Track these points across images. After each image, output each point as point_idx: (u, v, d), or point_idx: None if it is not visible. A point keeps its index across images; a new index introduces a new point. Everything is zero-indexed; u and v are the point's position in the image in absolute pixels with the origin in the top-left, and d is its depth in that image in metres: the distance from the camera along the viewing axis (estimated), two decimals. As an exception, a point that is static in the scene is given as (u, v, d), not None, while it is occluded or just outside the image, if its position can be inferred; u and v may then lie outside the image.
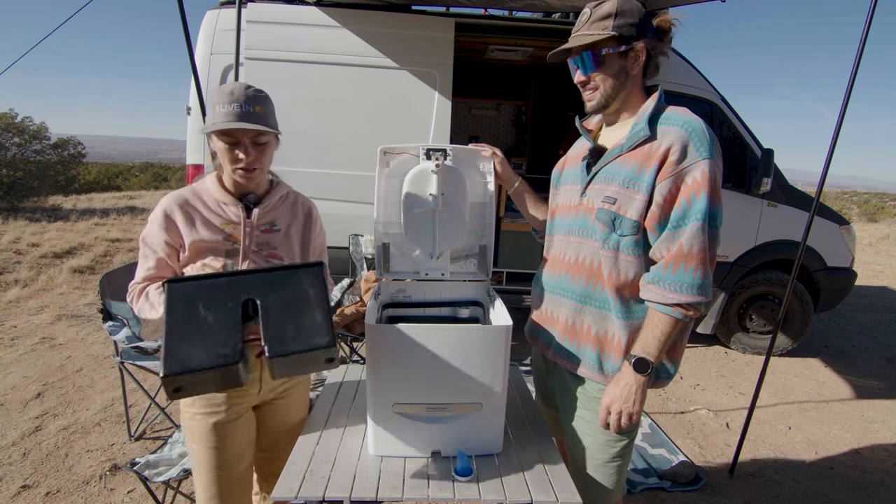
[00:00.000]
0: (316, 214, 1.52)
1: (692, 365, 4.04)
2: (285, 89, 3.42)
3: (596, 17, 1.21)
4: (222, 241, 1.31)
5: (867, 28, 2.00)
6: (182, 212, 1.30)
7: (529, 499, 1.10)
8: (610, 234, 1.22)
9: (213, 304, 1.03)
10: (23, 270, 5.86)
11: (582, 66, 1.25)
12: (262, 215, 1.37)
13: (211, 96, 1.30)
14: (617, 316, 1.24)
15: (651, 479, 2.43)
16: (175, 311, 1.01)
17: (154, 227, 1.30)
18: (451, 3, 3.47)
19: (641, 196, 1.16)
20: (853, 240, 4.27)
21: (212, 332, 1.00)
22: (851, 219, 16.58)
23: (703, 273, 1.14)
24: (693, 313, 1.16)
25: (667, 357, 1.26)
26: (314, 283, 1.09)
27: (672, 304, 1.14)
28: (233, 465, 1.35)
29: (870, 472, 2.64)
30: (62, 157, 12.62)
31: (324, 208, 3.53)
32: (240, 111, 1.23)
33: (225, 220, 1.33)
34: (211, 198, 1.34)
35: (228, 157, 1.28)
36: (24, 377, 3.29)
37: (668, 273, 1.15)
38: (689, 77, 3.88)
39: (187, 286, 1.05)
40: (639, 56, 1.22)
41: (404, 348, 1.17)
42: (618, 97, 1.25)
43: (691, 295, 1.13)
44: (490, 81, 5.69)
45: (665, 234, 1.16)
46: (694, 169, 1.12)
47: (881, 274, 8.24)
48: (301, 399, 1.53)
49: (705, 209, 1.11)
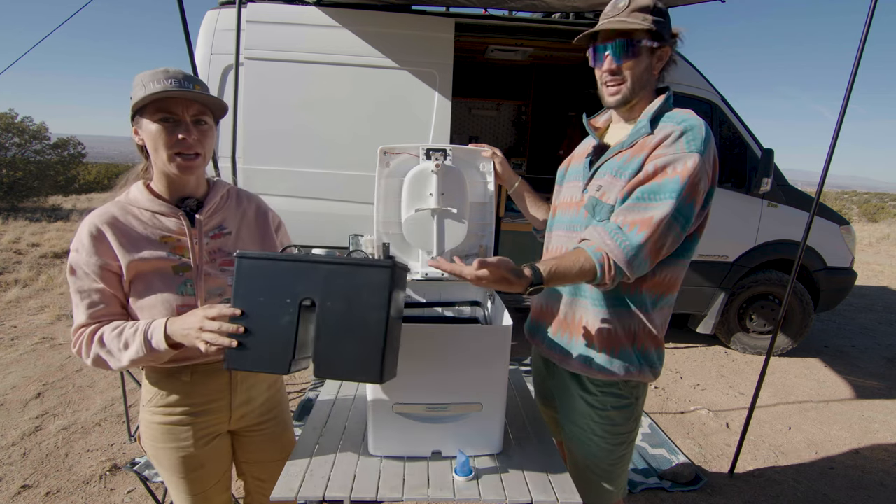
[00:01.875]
0: (266, 207, 1.37)
1: (692, 365, 4.04)
2: (285, 89, 3.43)
3: (635, 6, 1.17)
4: (167, 257, 1.13)
5: (867, 28, 2.00)
6: (112, 230, 1.09)
7: (529, 499, 1.09)
8: (590, 222, 1.21)
9: (274, 294, 0.97)
10: (23, 270, 5.86)
11: (615, 53, 1.19)
12: (208, 219, 1.21)
13: (138, 78, 1.08)
14: (602, 306, 1.23)
15: (651, 479, 2.43)
16: (241, 292, 0.97)
17: (82, 254, 1.08)
18: (451, 3, 3.47)
19: (623, 182, 1.16)
20: (853, 240, 4.27)
21: (267, 331, 0.97)
22: (851, 219, 16.58)
23: (647, 247, 1.08)
24: (608, 278, 1.09)
25: (653, 345, 1.26)
26: (380, 292, 0.96)
27: (603, 251, 1.09)
28: (211, 486, 1.27)
29: (870, 472, 2.64)
30: (62, 157, 12.62)
31: (324, 208, 3.59)
32: (178, 85, 1.08)
33: (165, 232, 1.15)
34: (142, 210, 1.14)
35: (164, 141, 1.08)
36: (24, 377, 3.29)
37: (618, 229, 1.10)
38: (689, 77, 3.88)
39: (253, 265, 0.97)
40: (663, 58, 1.21)
41: (404, 348, 1.17)
42: (640, 93, 1.23)
43: (624, 255, 1.07)
44: (490, 81, 5.69)
45: (631, 200, 1.12)
46: (682, 158, 1.10)
47: (881, 274, 8.24)
48: (284, 419, 1.43)
49: (679, 191, 1.08)
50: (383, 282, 0.96)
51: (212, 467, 1.26)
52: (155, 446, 1.22)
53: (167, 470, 1.23)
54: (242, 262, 0.98)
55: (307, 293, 0.96)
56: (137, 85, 1.08)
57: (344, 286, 0.96)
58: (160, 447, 1.21)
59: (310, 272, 0.96)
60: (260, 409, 1.34)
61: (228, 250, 1.23)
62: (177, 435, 1.20)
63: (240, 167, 3.22)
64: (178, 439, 1.20)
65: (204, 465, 1.24)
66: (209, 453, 1.24)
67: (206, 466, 1.24)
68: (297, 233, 3.65)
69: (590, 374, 1.28)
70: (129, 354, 1.05)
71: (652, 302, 1.24)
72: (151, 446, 1.22)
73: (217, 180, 1.29)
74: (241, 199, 1.32)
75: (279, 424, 1.40)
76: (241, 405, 1.29)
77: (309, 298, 0.96)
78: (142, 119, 1.09)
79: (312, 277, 0.96)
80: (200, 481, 1.24)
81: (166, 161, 1.10)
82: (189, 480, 1.23)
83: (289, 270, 0.97)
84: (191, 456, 1.21)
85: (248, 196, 1.35)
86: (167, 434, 1.20)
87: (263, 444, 1.36)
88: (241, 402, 1.28)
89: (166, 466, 1.22)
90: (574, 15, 3.73)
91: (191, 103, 1.11)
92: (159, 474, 1.28)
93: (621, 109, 1.28)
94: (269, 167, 3.49)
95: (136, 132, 1.13)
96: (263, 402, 1.35)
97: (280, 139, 3.46)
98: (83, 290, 1.09)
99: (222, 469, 1.30)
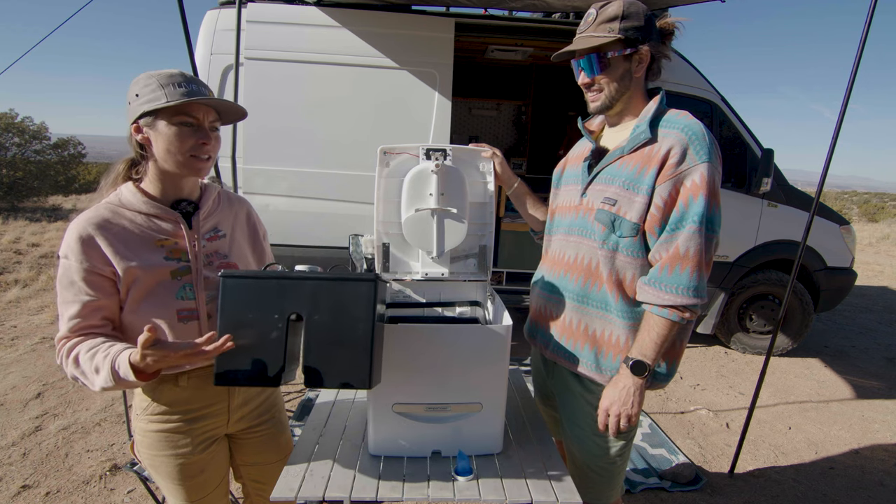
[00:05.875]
0: (255, 213, 1.38)
1: (692, 365, 4.03)
2: (285, 89, 3.43)
3: (602, 18, 1.20)
4: (165, 262, 1.11)
5: (867, 28, 1.99)
6: (105, 235, 1.05)
7: (529, 499, 1.10)
8: (609, 235, 1.22)
9: (261, 311, 0.99)
10: (23, 270, 5.86)
11: (587, 68, 1.24)
12: (204, 222, 1.19)
13: (151, 79, 1.06)
14: (618, 315, 1.24)
15: (651, 479, 2.43)
16: (227, 311, 0.99)
17: (71, 261, 1.03)
18: (451, 3, 3.47)
19: (641, 198, 1.17)
20: (853, 240, 4.27)
21: (257, 347, 0.99)
22: (851, 219, 16.58)
23: (698, 275, 1.14)
24: (689, 315, 1.16)
25: (664, 359, 1.26)
26: (365, 304, 0.99)
27: (667, 305, 1.15)
28: (210, 491, 1.26)
29: (870, 472, 2.64)
30: (62, 157, 12.61)
31: (324, 208, 3.59)
32: (197, 90, 1.08)
33: (160, 235, 1.12)
34: (136, 212, 1.11)
35: (183, 143, 1.08)
36: (24, 377, 3.29)
37: (664, 275, 1.15)
38: (688, 77, 3.87)
39: (240, 284, 0.99)
40: (643, 59, 1.22)
41: (404, 348, 1.17)
42: (621, 99, 1.25)
43: (686, 297, 1.13)
44: (490, 81, 5.69)
45: (663, 236, 1.16)
46: (693, 172, 1.12)
47: (881, 274, 8.24)
48: (281, 420, 1.42)
49: (702, 212, 1.12)
50: (368, 294, 1.00)
51: (211, 472, 1.25)
52: (152, 455, 1.19)
53: (166, 478, 1.20)
54: (227, 282, 1.00)
55: (294, 308, 0.99)
56: (150, 85, 1.06)
57: (330, 300, 1.00)
58: (158, 455, 1.18)
59: (296, 288, 1.00)
60: (257, 410, 1.34)
61: (224, 253, 1.22)
62: (175, 442, 1.18)
63: (240, 167, 3.22)
64: (177, 446, 1.18)
65: (204, 471, 1.23)
66: (208, 458, 1.23)
67: (205, 472, 1.23)
68: (298, 233, 3.68)
69: (599, 380, 1.29)
70: (99, 381, 1.00)
71: None
72: (148, 455, 1.19)
73: (208, 183, 1.28)
74: (232, 202, 1.31)
75: (276, 425, 1.39)
76: (240, 407, 1.29)
77: (296, 313, 0.99)
78: (157, 121, 1.07)
79: (299, 293, 0.99)
80: (200, 487, 1.23)
81: (181, 162, 1.10)
82: (189, 487, 1.21)
83: (275, 287, 1.00)
84: (190, 462, 1.19)
85: (238, 199, 1.35)
86: (164, 441, 1.17)
87: (261, 445, 1.36)
88: (239, 404, 1.28)
89: (165, 474, 1.20)
90: (574, 15, 3.73)
91: (210, 110, 1.12)
92: (157, 483, 1.26)
93: (608, 114, 1.31)
94: (269, 167, 3.49)
95: (139, 130, 1.09)
96: (260, 403, 1.35)
97: (280, 139, 3.46)
98: (66, 301, 1.04)
99: (221, 473, 1.30)
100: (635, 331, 1.22)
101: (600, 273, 1.24)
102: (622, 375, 1.20)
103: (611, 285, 1.23)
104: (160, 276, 1.10)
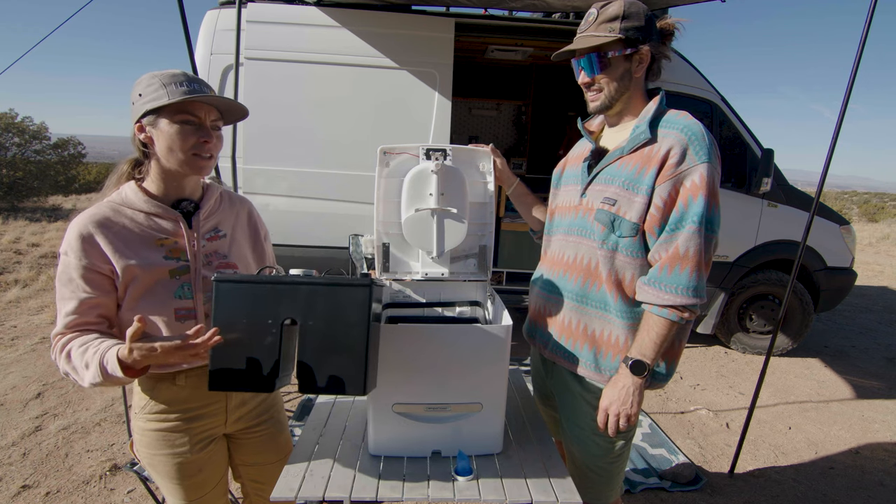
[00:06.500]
0: (257, 214, 1.38)
1: (692, 365, 4.03)
2: (285, 89, 3.43)
3: (602, 18, 1.21)
4: (164, 261, 1.11)
5: (867, 28, 1.99)
6: (105, 233, 1.06)
7: (529, 499, 1.10)
8: (609, 235, 1.22)
9: (255, 316, 0.98)
10: (23, 270, 5.86)
11: (588, 67, 1.24)
12: (204, 221, 1.20)
13: (154, 79, 1.07)
14: (617, 315, 1.24)
15: (651, 479, 2.43)
16: (220, 315, 0.98)
17: (70, 258, 1.04)
18: (451, 3, 3.47)
19: (641, 198, 1.17)
20: (853, 240, 4.27)
21: (251, 352, 0.99)
22: (851, 219, 16.58)
23: (697, 275, 1.14)
24: (688, 315, 1.16)
25: (663, 359, 1.26)
26: (359, 309, 0.98)
27: (667, 305, 1.15)
28: (209, 491, 1.26)
29: (870, 472, 2.64)
30: (62, 157, 12.61)
31: (324, 208, 3.59)
32: (199, 89, 1.09)
33: (160, 234, 1.13)
34: (138, 211, 1.12)
35: (185, 142, 1.08)
36: (24, 377, 3.29)
37: (664, 275, 1.15)
38: (688, 77, 3.87)
39: (233, 288, 0.99)
40: (643, 59, 1.22)
41: (404, 348, 1.17)
42: (621, 99, 1.26)
43: (685, 297, 1.13)
44: (490, 81, 5.69)
45: (663, 236, 1.17)
46: (692, 172, 1.13)
47: (881, 274, 8.24)
48: (280, 420, 1.42)
49: (702, 212, 1.12)
50: (363, 299, 0.99)
51: (210, 471, 1.25)
52: (150, 454, 1.19)
53: (164, 477, 1.21)
54: (221, 286, 0.99)
55: (289, 313, 0.99)
56: (153, 85, 1.07)
57: (324, 305, 0.99)
58: (156, 454, 1.19)
59: (290, 293, 0.99)
60: (256, 410, 1.34)
61: (224, 253, 1.22)
62: (173, 441, 1.18)
63: (240, 167, 3.22)
64: (175, 445, 1.18)
65: (202, 470, 1.23)
66: (206, 458, 1.23)
67: (204, 471, 1.23)
68: (298, 233, 3.68)
69: (599, 380, 1.29)
70: (88, 377, 0.99)
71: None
72: (147, 454, 1.20)
73: (210, 183, 1.29)
74: (233, 202, 1.32)
75: (275, 425, 1.39)
76: (237, 407, 1.28)
77: (290, 318, 0.99)
78: (159, 119, 1.08)
79: (293, 298, 0.99)
80: (199, 486, 1.23)
81: (183, 160, 1.10)
82: (187, 486, 1.21)
83: (269, 292, 0.99)
84: (188, 461, 1.19)
85: (239, 199, 1.35)
86: (163, 440, 1.18)
87: (260, 445, 1.35)
88: (236, 405, 1.28)
89: (163, 473, 1.20)
90: (574, 15, 3.73)
91: (212, 109, 1.13)
92: (156, 482, 1.26)
93: (608, 114, 1.31)
94: (269, 167, 3.49)
95: (142, 129, 1.10)
96: (259, 403, 1.34)
97: (280, 139, 3.46)
98: (63, 297, 1.05)
99: (220, 473, 1.29)
100: (634, 331, 1.22)
101: (600, 273, 1.24)
102: (621, 375, 1.20)
103: (610, 285, 1.23)
104: (159, 274, 1.11)
